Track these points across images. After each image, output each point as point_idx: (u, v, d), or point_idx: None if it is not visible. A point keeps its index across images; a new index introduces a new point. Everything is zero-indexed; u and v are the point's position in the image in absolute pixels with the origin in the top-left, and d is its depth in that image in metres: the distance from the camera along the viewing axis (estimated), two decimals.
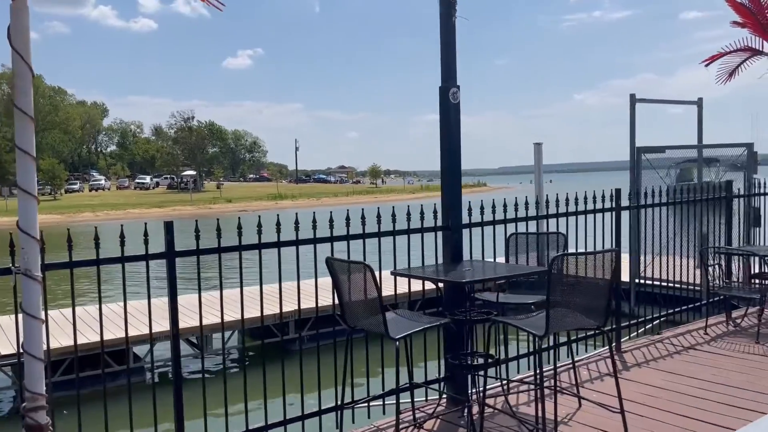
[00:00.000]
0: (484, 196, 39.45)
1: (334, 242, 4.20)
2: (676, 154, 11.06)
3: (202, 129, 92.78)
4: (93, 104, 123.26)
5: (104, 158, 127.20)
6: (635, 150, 10.36)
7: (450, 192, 4.55)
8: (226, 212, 56.47)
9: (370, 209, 4.40)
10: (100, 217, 50.49)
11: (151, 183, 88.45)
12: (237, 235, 3.86)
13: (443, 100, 4.49)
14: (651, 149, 10.32)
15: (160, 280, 3.78)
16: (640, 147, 10.20)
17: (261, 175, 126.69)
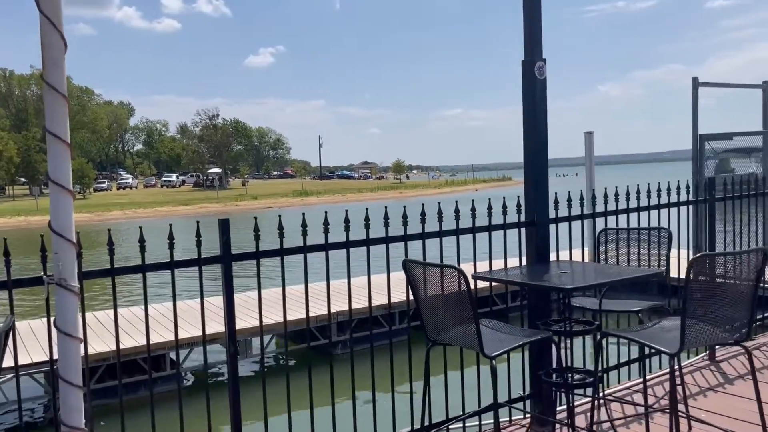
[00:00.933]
0: (515, 190, 38.62)
1: (408, 241, 3.64)
2: (737, 143, 10.26)
3: (227, 127, 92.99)
4: (119, 104, 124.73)
5: (131, 157, 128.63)
6: (698, 138, 9.58)
7: (535, 183, 3.96)
8: (252, 209, 56.37)
9: (430, 204, 3.85)
10: (129, 215, 50.72)
11: (177, 181, 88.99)
12: (278, 235, 3.32)
13: (527, 76, 3.90)
14: (716, 136, 9.59)
15: (188, 279, 3.27)
16: (703, 134, 9.42)
17: (285, 172, 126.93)
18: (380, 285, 4.30)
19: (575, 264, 3.83)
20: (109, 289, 2.88)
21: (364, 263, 3.57)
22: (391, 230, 3.59)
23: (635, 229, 4.05)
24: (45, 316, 2.47)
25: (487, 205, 3.85)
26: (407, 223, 3.61)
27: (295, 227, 3.43)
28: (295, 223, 3.56)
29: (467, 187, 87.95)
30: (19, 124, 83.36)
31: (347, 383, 3.60)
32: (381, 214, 3.62)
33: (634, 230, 4.06)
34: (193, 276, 3.03)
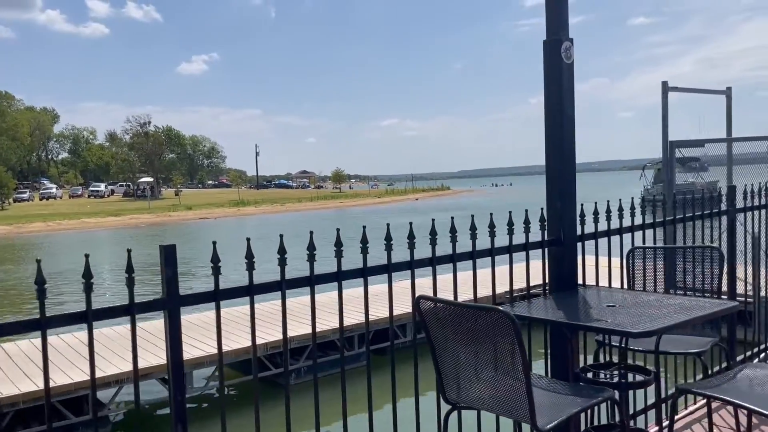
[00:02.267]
0: (458, 200, 38.10)
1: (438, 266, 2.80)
2: (710, 150, 9.93)
3: (159, 134, 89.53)
4: (43, 110, 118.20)
5: (56, 166, 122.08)
6: (669, 144, 9.15)
7: (561, 192, 3.20)
8: (186, 220, 54.04)
9: (370, 213, 3.04)
10: (52, 227, 47.57)
11: (105, 191, 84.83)
12: (279, 264, 2.45)
13: (551, 59, 3.14)
14: (687, 143, 9.20)
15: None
16: (674, 141, 8.99)
17: (220, 181, 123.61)
18: (334, 303, 3.42)
19: (614, 293, 3.08)
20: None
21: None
22: (433, 251, 2.74)
23: (678, 248, 3.35)
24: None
25: (508, 220, 3.05)
26: (414, 245, 2.76)
27: (234, 239, 2.52)
28: (236, 234, 2.61)
29: (407, 197, 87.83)
30: None
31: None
32: (325, 225, 2.75)
33: (675, 249, 3.36)
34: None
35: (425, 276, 2.85)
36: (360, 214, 52.94)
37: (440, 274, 2.83)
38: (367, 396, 2.66)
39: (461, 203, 67.63)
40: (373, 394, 2.66)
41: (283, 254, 2.42)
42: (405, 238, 2.79)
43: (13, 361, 7.49)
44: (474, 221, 2.90)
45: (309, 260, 2.48)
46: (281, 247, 2.41)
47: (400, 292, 4.03)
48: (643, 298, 2.92)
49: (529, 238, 3.09)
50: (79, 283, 2.00)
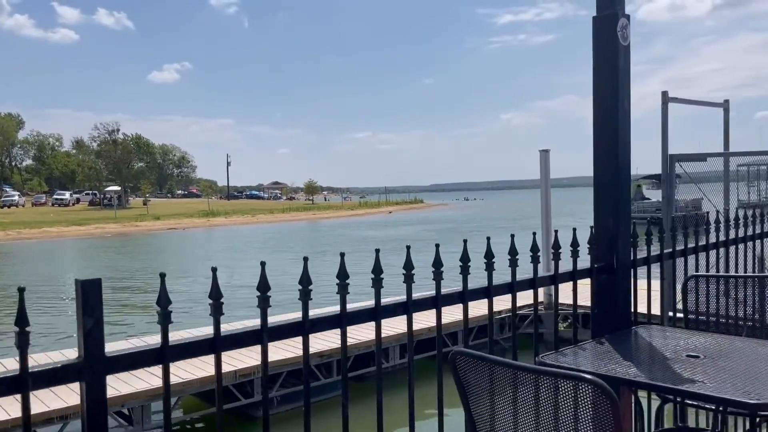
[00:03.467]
0: (432, 214, 37.67)
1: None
2: (709, 166, 9.46)
3: (128, 142, 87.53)
4: (7, 116, 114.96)
5: (19, 173, 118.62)
6: (669, 158, 8.64)
7: (615, 208, 2.54)
8: (153, 230, 52.50)
9: (345, 225, 2.35)
10: (11, 236, 45.68)
11: (71, 199, 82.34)
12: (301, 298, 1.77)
13: (604, 39, 2.49)
14: (689, 157, 8.72)
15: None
16: (674, 155, 8.49)
17: (190, 191, 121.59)
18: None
19: (686, 336, 2.42)
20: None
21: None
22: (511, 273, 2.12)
23: (751, 278, 2.71)
24: None
25: (553, 240, 2.38)
26: (441, 276, 2.08)
27: (203, 250, 1.80)
28: (202, 245, 1.91)
29: (381, 209, 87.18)
30: None
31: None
32: (299, 236, 2.10)
33: (746, 279, 2.72)
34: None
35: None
36: (335, 227, 52.10)
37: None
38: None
39: (436, 216, 67.27)
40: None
41: (409, 270, 2.06)
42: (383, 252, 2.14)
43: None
44: (513, 244, 2.22)
45: (435, 279, 2.14)
46: (408, 262, 1.80)
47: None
48: (727, 343, 2.26)
49: (577, 264, 2.42)
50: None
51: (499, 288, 2.27)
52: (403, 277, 2.08)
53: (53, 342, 12.40)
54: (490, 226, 46.39)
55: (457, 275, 2.22)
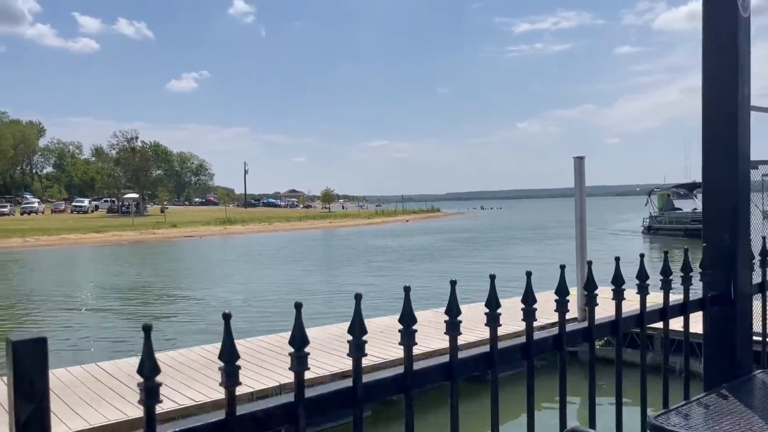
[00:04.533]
0: (450, 223, 36.96)
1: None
2: None
3: (146, 150, 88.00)
4: (28, 123, 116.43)
5: (39, 180, 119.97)
6: (747, 164, 7.96)
7: (732, 219, 2.02)
8: (171, 238, 52.47)
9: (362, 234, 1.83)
10: (30, 243, 45.84)
11: (89, 206, 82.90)
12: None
13: (718, 11, 1.99)
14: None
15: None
16: (756, 161, 7.91)
17: (207, 198, 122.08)
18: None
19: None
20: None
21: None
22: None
23: None
24: None
25: (662, 265, 1.86)
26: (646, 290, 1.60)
27: (220, 256, 1.29)
28: (218, 254, 1.40)
29: (398, 218, 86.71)
30: None
31: None
32: (315, 244, 1.58)
33: None
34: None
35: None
36: (352, 235, 51.69)
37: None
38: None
39: (453, 226, 66.66)
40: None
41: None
42: (394, 262, 1.59)
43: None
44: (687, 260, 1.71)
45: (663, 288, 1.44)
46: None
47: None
48: None
49: (688, 295, 1.90)
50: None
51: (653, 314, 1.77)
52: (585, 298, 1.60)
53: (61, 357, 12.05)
54: (511, 236, 45.68)
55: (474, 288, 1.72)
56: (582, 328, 1.67)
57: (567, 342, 1.56)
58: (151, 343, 0.97)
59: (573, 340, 1.62)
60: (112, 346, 12.64)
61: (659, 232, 39.17)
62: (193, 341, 11.65)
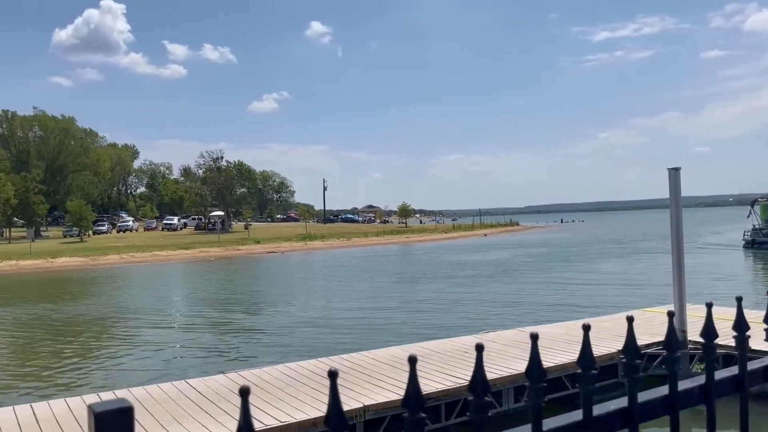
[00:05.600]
0: (530, 236, 35.92)
1: None
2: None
3: (231, 169, 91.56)
4: (124, 146, 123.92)
5: (134, 199, 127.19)
6: None
7: None
8: (254, 254, 54.16)
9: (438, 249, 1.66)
10: (125, 259, 48.54)
11: (178, 224, 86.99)
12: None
13: None
14: None
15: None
16: None
17: (288, 215, 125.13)
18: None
19: None
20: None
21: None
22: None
23: None
24: None
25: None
26: None
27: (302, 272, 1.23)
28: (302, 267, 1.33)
29: (475, 232, 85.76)
30: (20, 166, 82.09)
31: None
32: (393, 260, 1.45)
33: None
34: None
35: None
36: (429, 250, 51.54)
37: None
38: None
39: (533, 239, 65.20)
40: None
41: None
42: (477, 277, 1.45)
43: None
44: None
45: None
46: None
47: (486, 346, 2.66)
48: None
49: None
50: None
51: None
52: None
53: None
54: (595, 251, 44.09)
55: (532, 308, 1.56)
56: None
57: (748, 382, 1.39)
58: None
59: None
60: (202, 362, 13.07)
61: (763, 246, 36.21)
62: (278, 356, 11.88)
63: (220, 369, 10.37)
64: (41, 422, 6.73)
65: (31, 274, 40.22)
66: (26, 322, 19.71)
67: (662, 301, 13.82)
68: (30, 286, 32.71)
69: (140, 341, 15.87)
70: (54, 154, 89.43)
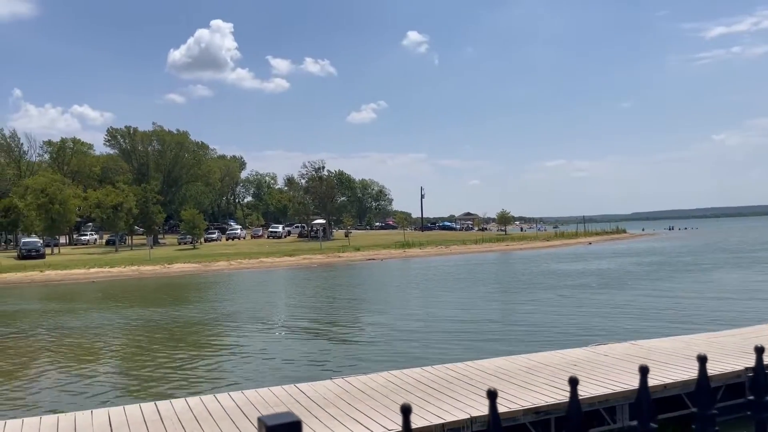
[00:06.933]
0: (637, 244, 33.85)
1: None
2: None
3: (332, 178, 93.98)
4: (232, 158, 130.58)
5: (241, 208, 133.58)
6: None
7: None
8: (354, 260, 55.18)
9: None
10: (234, 265, 50.94)
11: (282, 232, 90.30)
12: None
13: None
14: None
15: None
16: None
17: (387, 222, 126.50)
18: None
19: None
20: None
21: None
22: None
23: None
24: None
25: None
26: None
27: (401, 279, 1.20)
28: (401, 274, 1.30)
29: (579, 240, 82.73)
30: (140, 178, 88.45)
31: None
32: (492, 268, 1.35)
33: None
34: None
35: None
36: (531, 259, 50.32)
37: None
38: None
39: (640, 248, 61.99)
40: None
41: None
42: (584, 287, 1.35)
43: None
44: None
45: None
46: None
47: (598, 360, 2.51)
48: None
49: None
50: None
51: None
52: None
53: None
54: (709, 260, 41.29)
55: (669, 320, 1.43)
56: None
57: None
58: (409, 424, 0.92)
59: None
60: (311, 367, 13.41)
61: None
62: (378, 363, 11.99)
63: (327, 374, 10.60)
64: (165, 419, 7.16)
65: (151, 278, 43.13)
66: (154, 323, 21.11)
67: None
68: (151, 290, 35.06)
69: (250, 344, 16.56)
70: (170, 166, 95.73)
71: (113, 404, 9.11)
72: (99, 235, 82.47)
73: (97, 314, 23.77)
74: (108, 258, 56.32)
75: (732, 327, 12.57)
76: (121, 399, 10.85)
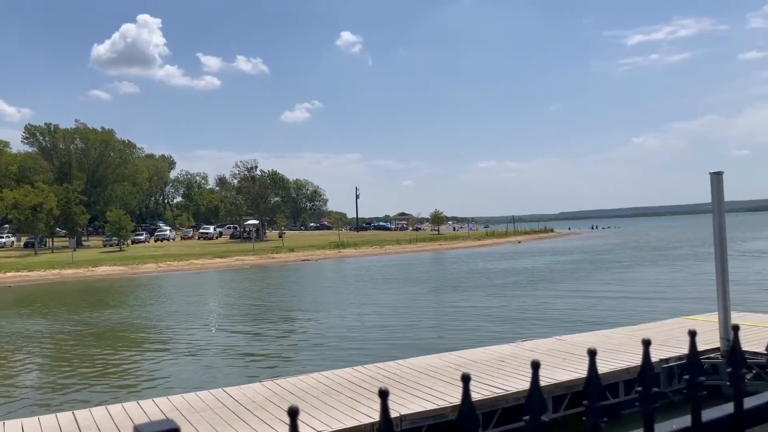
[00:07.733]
0: (564, 243, 35.16)
1: None
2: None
3: (265, 178, 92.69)
4: (161, 157, 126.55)
5: (171, 209, 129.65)
6: None
7: None
8: (289, 262, 54.58)
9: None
10: (163, 268, 49.41)
11: (214, 233, 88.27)
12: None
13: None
14: None
15: None
16: None
17: (322, 223, 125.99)
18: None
19: None
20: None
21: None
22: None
23: None
24: None
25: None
26: None
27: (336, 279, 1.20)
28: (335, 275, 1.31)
29: (509, 239, 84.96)
30: (62, 177, 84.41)
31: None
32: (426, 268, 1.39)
33: None
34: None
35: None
36: (462, 258, 51.22)
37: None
38: None
39: (567, 246, 64.23)
40: None
41: None
42: (513, 285, 1.41)
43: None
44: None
45: None
46: None
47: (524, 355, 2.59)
48: None
49: None
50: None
51: None
52: None
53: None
54: (632, 258, 43.21)
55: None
56: None
57: None
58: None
59: None
60: (240, 370, 13.18)
61: None
62: (312, 365, 11.91)
63: (256, 377, 10.43)
64: (83, 429, 6.85)
65: (73, 282, 41.24)
66: (69, 330, 20.17)
67: (703, 309, 13.45)
68: (72, 295, 33.52)
69: (176, 349, 16.10)
70: (94, 166, 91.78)
71: (24, 415, 8.65)
72: (16, 238, 78.16)
73: (7, 322, 22.53)
74: (26, 261, 53.51)
75: (651, 321, 13.18)
76: (40, 409, 10.31)
